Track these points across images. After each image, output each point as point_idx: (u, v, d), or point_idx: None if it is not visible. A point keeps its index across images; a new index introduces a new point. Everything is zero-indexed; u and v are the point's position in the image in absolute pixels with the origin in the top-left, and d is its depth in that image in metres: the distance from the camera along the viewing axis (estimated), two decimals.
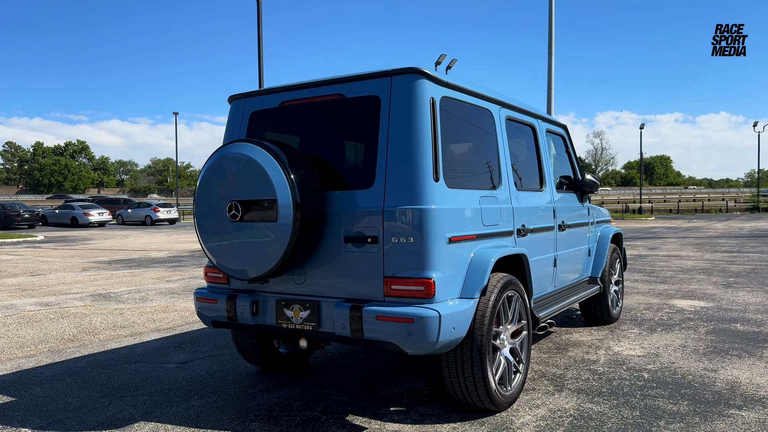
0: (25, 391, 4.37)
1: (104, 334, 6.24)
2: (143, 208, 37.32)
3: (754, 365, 4.67)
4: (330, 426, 3.55)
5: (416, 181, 3.29)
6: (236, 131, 4.09)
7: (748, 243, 17.81)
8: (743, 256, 13.90)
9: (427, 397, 4.03)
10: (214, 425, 3.59)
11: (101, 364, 5.06)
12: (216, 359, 5.14)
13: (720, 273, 10.63)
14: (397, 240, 3.30)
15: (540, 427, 3.47)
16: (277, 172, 3.33)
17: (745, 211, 48.26)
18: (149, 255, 15.96)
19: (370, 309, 3.29)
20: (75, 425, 3.64)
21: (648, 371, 4.54)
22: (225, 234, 3.54)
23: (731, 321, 6.36)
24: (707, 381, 4.28)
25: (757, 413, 3.64)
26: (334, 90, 3.69)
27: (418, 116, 3.36)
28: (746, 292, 8.39)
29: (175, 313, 7.43)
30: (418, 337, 3.17)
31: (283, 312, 3.70)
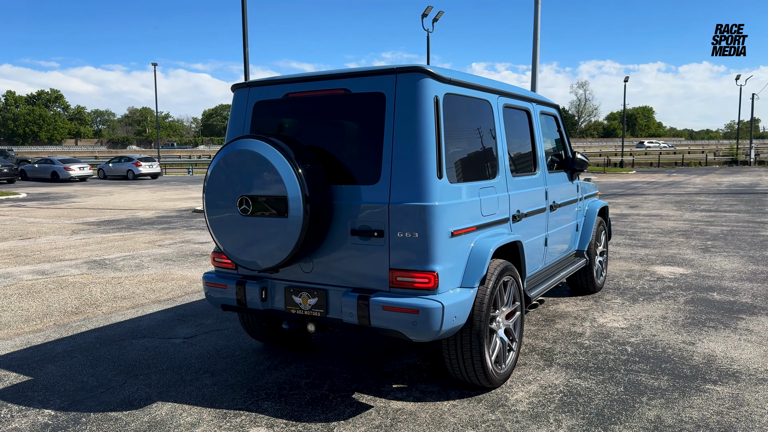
0: (39, 369, 4.55)
1: (106, 306, 6.40)
2: (125, 163, 36.93)
3: (728, 337, 5.00)
4: (338, 404, 3.80)
5: (421, 178, 3.44)
6: (241, 121, 4.17)
7: (725, 201, 18.29)
8: (721, 215, 14.33)
9: (426, 374, 4.29)
10: (228, 405, 3.82)
11: (109, 339, 5.24)
12: (221, 333, 5.35)
13: (699, 235, 11.01)
14: (402, 234, 3.48)
15: (533, 403, 3.76)
16: (287, 169, 3.45)
17: (723, 164, 49.05)
18: (137, 215, 15.98)
19: (377, 299, 3.49)
20: (95, 406, 3.85)
21: (631, 345, 4.84)
22: (236, 227, 3.68)
23: (708, 290, 6.70)
24: (686, 355, 4.59)
25: (730, 388, 3.96)
26: (339, 84, 3.78)
27: (422, 115, 3.47)
28: (723, 257, 8.76)
29: (172, 282, 7.59)
30: (423, 326, 3.39)
31: (292, 298, 3.89)
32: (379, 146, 3.58)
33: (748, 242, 10.10)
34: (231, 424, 3.54)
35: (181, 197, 22.26)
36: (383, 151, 3.55)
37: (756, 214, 14.47)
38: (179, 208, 17.99)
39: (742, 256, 8.82)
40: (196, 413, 3.71)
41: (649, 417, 3.55)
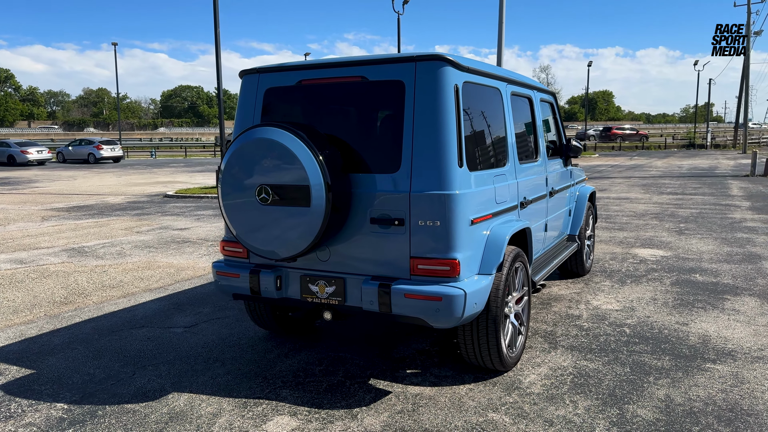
0: (40, 361, 4.45)
1: (96, 296, 6.26)
2: (85, 146, 35.86)
3: (718, 318, 5.21)
4: (356, 391, 3.83)
5: (443, 167, 3.47)
6: (250, 108, 4.11)
7: (689, 184, 18.87)
8: (688, 198, 14.79)
9: (437, 359, 4.36)
10: (246, 394, 3.81)
11: (107, 330, 5.15)
12: (221, 322, 5.31)
13: (670, 218, 11.36)
14: (423, 223, 3.50)
15: (546, 385, 3.86)
16: (308, 158, 3.43)
17: (681, 147, 50.46)
18: (106, 200, 15.59)
19: (398, 287, 3.52)
20: (108, 398, 3.79)
21: (628, 326, 5.01)
22: (254, 216, 3.65)
23: (690, 271, 6.95)
24: (681, 335, 4.77)
25: (729, 366, 4.14)
26: (355, 72, 3.75)
27: (444, 104, 3.49)
28: (698, 239, 9.07)
29: (159, 270, 7.47)
30: (446, 313, 3.43)
31: (308, 287, 3.88)
32: (399, 135, 3.58)
33: (718, 225, 10.47)
34: (253, 413, 3.54)
35: (148, 182, 21.78)
36: (403, 139, 3.56)
37: (720, 197, 14.98)
38: (149, 193, 17.62)
39: (715, 238, 9.16)
40: (215, 403, 3.69)
41: (659, 396, 3.69)
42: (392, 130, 3.64)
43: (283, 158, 3.48)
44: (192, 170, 28.57)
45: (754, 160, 22.40)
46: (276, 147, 3.50)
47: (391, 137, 3.66)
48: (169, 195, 16.45)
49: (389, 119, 3.68)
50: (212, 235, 9.96)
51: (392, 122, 3.65)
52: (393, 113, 3.64)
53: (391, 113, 3.66)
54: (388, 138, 3.67)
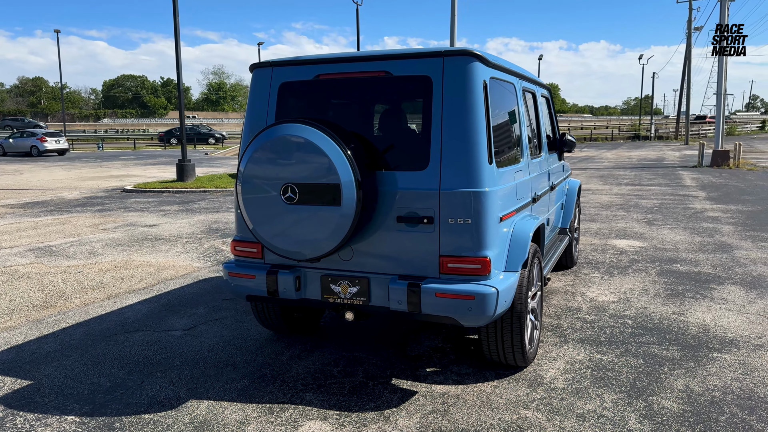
0: (36, 371, 4.19)
1: (78, 299, 5.96)
2: (28, 138, 34.17)
3: (710, 307, 5.39)
4: (381, 392, 3.77)
5: (474, 164, 3.43)
6: (263, 104, 3.96)
7: (644, 175, 19.52)
8: (646, 189, 15.29)
9: (453, 356, 4.34)
10: (270, 399, 3.69)
11: (99, 335, 4.90)
12: (220, 323, 5.14)
13: (636, 209, 11.70)
14: (453, 221, 3.46)
15: (568, 380, 3.90)
16: (339, 156, 3.33)
17: (627, 139, 52.17)
18: (61, 196, 14.90)
19: (429, 286, 3.47)
20: (122, 409, 3.60)
21: (629, 318, 5.12)
22: (278, 216, 3.53)
23: (671, 261, 7.17)
24: (682, 325, 4.91)
25: (734, 355, 4.29)
26: (379, 66, 3.66)
27: (473, 100, 3.45)
28: (668, 229, 9.38)
29: (138, 269, 7.18)
30: (478, 312, 3.41)
31: (330, 287, 3.79)
32: (427, 132, 3.52)
33: (683, 215, 10.86)
34: (281, 420, 3.44)
35: (101, 175, 20.94)
36: (431, 136, 3.50)
37: (676, 188, 15.55)
38: (105, 187, 16.94)
39: (684, 228, 9.49)
40: (238, 410, 3.56)
41: (679, 387, 3.78)
42: (420, 126, 3.58)
43: (311, 156, 3.37)
44: (145, 163, 27.66)
45: (702, 152, 23.36)
46: (303, 144, 3.38)
47: (418, 134, 3.59)
48: (127, 190, 15.86)
49: (416, 115, 3.61)
50: (184, 232, 9.66)
51: (419, 118, 3.58)
52: (420, 109, 3.58)
53: (417, 110, 3.59)
54: (414, 135, 3.61)
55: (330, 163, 3.33)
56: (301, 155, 3.40)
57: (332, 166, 3.33)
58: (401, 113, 3.76)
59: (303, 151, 3.39)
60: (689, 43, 44.11)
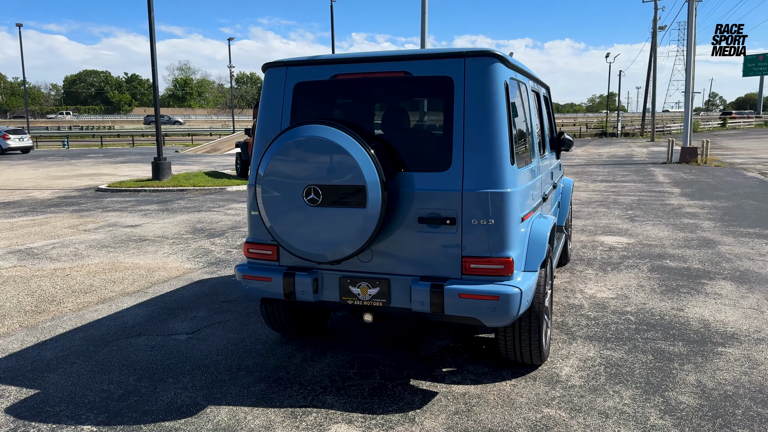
0: (41, 379, 4.07)
1: (70, 303, 5.80)
2: None
3: (706, 302, 5.53)
4: (402, 393, 3.77)
5: (497, 165, 3.44)
6: (277, 104, 3.90)
7: (616, 171, 19.91)
8: (621, 185, 15.60)
9: (467, 355, 4.36)
10: (290, 402, 3.65)
11: (100, 341, 4.78)
12: (224, 326, 5.06)
13: (615, 205, 11.93)
14: (477, 222, 3.47)
15: (584, 377, 3.96)
16: (364, 157, 3.30)
17: (595, 136, 53.13)
18: (33, 195, 14.48)
19: (452, 287, 3.47)
20: (140, 417, 3.52)
21: (631, 314, 5.21)
22: (300, 219, 3.48)
23: (660, 257, 7.33)
24: (683, 321, 5.02)
25: (738, 349, 4.41)
26: (398, 67, 3.64)
27: (496, 101, 3.46)
28: (651, 226, 9.58)
29: (127, 271, 7.02)
30: (502, 312, 3.43)
31: (349, 289, 3.76)
32: (449, 132, 3.52)
33: (662, 211, 11.11)
34: (306, 424, 3.40)
35: (71, 174, 20.40)
36: (453, 137, 3.50)
37: (651, 184, 15.90)
38: (77, 186, 16.51)
39: (666, 224, 9.71)
40: (260, 415, 3.51)
41: (691, 381, 3.87)
42: (441, 127, 3.57)
43: (335, 157, 3.33)
44: (114, 161, 27.06)
45: (671, 148, 23.93)
46: (328, 145, 3.34)
47: (439, 135, 3.59)
48: (101, 189, 15.49)
49: (436, 117, 3.61)
50: (169, 233, 9.48)
51: (440, 120, 3.57)
52: (440, 110, 3.57)
53: (438, 110, 3.59)
54: (435, 135, 3.60)
55: (355, 165, 3.30)
56: (325, 156, 3.36)
57: (357, 168, 3.30)
58: (422, 114, 3.75)
59: (327, 152, 3.35)
60: (654, 42, 45.12)
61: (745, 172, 18.58)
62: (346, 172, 3.33)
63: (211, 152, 34.40)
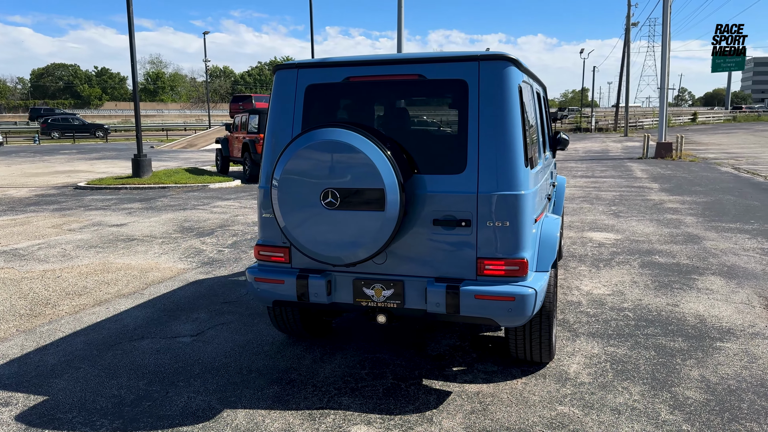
0: (47, 385, 4.01)
1: (65, 306, 5.71)
2: None
3: (699, 298, 5.68)
4: (416, 393, 3.81)
5: (512, 167, 3.49)
6: (288, 106, 3.89)
7: (594, 167, 20.22)
8: (601, 181, 15.86)
9: (475, 354, 4.41)
10: (307, 405, 3.66)
11: (103, 344, 4.72)
12: (228, 328, 5.04)
13: (598, 201, 12.13)
14: (492, 223, 3.52)
15: (592, 374, 4.04)
16: (382, 160, 3.32)
17: (569, 131, 53.76)
18: (8, 194, 14.14)
19: (468, 288, 3.51)
20: (156, 422, 3.50)
21: (628, 310, 5.33)
22: (317, 221, 3.49)
23: (649, 253, 7.50)
24: (679, 317, 5.16)
25: (735, 344, 4.54)
26: (412, 70, 3.66)
27: (511, 104, 3.51)
28: (636, 221, 9.77)
29: (120, 272, 6.93)
30: (517, 312, 3.48)
31: (363, 291, 3.78)
32: (463, 135, 3.55)
33: (645, 207, 11.33)
34: (326, 426, 3.42)
35: (46, 171, 19.96)
36: (468, 140, 3.54)
37: (629, 180, 16.19)
38: (55, 184, 16.17)
39: (650, 220, 9.91)
40: (278, 417, 3.52)
41: (695, 377, 3.98)
42: (455, 130, 3.61)
43: (354, 160, 3.35)
44: (89, 158, 26.53)
45: (646, 144, 24.37)
46: (345, 149, 3.35)
47: (454, 137, 3.62)
48: (81, 187, 15.20)
49: (451, 119, 3.64)
50: (157, 232, 9.36)
51: (454, 122, 3.61)
52: (455, 113, 3.61)
53: (452, 113, 3.62)
54: (449, 138, 3.63)
55: (374, 168, 3.31)
56: (344, 160, 3.37)
57: (376, 171, 3.32)
58: (436, 117, 3.77)
59: (345, 155, 3.36)
60: (627, 38, 45.83)
61: (719, 167, 19.03)
62: (364, 175, 3.34)
63: (188, 148, 33.98)
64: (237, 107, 38.44)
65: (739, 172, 17.38)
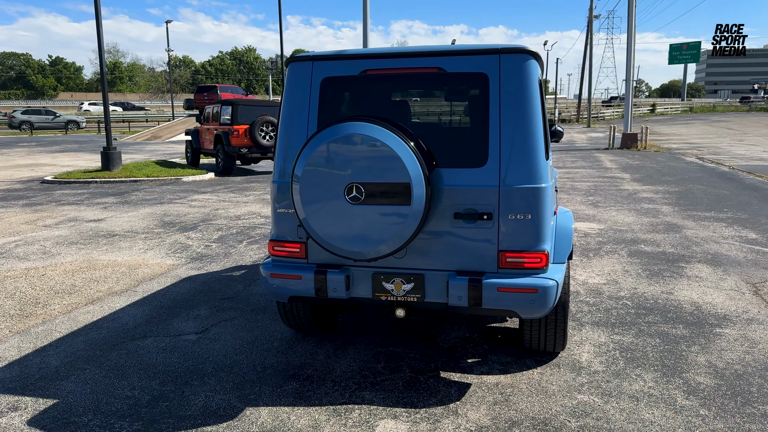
0: (55, 388, 3.88)
1: (56, 305, 5.53)
2: None
3: (690, 285, 5.85)
4: (437, 385, 3.82)
5: (534, 160, 3.53)
6: (303, 99, 3.83)
7: (564, 158, 20.59)
8: (574, 171, 16.15)
9: (487, 345, 4.46)
10: (329, 400, 3.64)
11: (105, 344, 4.60)
12: (232, 324, 4.96)
13: (575, 192, 12.35)
14: (513, 216, 3.54)
15: (604, 362, 4.13)
16: (408, 154, 3.31)
17: None
18: None
19: (491, 281, 3.54)
20: (177, 423, 3.43)
21: (626, 299, 5.46)
22: (341, 216, 3.46)
23: (635, 242, 7.68)
24: (675, 304, 5.30)
25: (733, 329, 4.70)
26: (431, 63, 3.65)
27: (532, 97, 3.53)
28: (615, 211, 10.00)
29: (107, 270, 6.74)
30: (540, 304, 3.53)
31: (382, 285, 3.77)
32: (485, 129, 3.56)
33: (621, 197, 11.59)
34: (353, 421, 3.41)
35: (7, 165, 19.23)
36: (490, 133, 3.55)
37: (600, 170, 16.54)
38: (18, 178, 15.61)
39: (628, 209, 10.15)
40: (304, 414, 3.49)
41: (702, 362, 4.11)
42: (476, 123, 3.62)
43: (379, 154, 3.32)
44: (50, 150, 25.66)
45: (612, 135, 24.90)
46: (371, 143, 3.33)
47: (475, 131, 3.63)
48: (48, 181, 14.70)
49: (472, 113, 3.64)
50: (138, 227, 9.14)
51: (475, 116, 3.62)
52: (475, 106, 3.61)
53: (473, 107, 3.63)
54: (470, 131, 3.64)
55: (401, 162, 3.30)
56: (369, 154, 3.34)
57: (403, 165, 3.30)
58: (455, 110, 3.77)
59: (371, 149, 3.33)
60: (590, 30, 46.61)
61: (684, 157, 19.60)
62: (390, 170, 3.32)
63: (152, 140, 33.20)
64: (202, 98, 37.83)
65: (703, 162, 17.93)
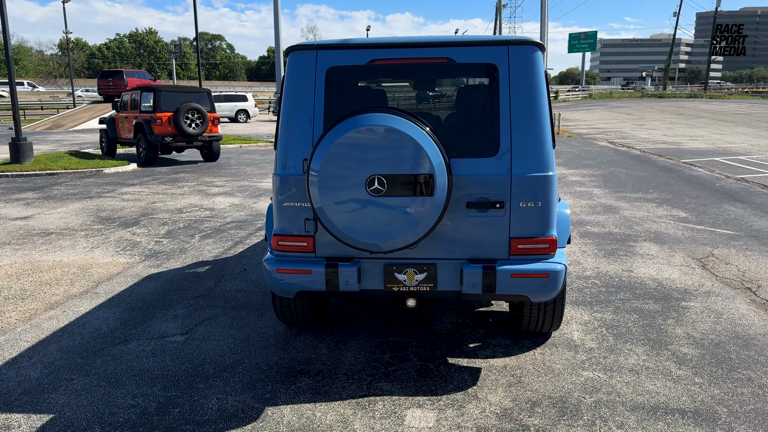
0: (44, 403, 3.60)
1: (12, 313, 5.10)
2: None
3: (645, 263, 6.27)
4: (448, 372, 3.90)
5: (543, 149, 3.64)
6: (308, 90, 3.73)
7: None
8: None
9: (482, 329, 4.58)
10: (349, 394, 3.62)
11: (84, 351, 4.30)
12: (217, 323, 4.79)
13: None
14: (524, 204, 3.65)
15: (595, 339, 4.36)
16: (431, 145, 3.33)
17: None
18: None
19: (505, 268, 3.64)
20: (198, 429, 3.29)
21: (594, 278, 5.77)
22: (362, 209, 3.42)
23: (581, 224, 8.10)
24: (639, 281, 5.67)
25: (697, 302, 5.10)
26: (441, 53, 3.67)
27: (540, 87, 3.64)
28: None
29: (55, 271, 6.28)
30: (550, 288, 3.67)
31: (394, 276, 3.77)
32: (495, 119, 3.64)
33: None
34: (380, 413, 3.41)
35: None
36: (500, 123, 3.63)
37: None
38: None
39: (563, 192, 10.66)
40: (329, 410, 3.45)
41: (680, 334, 4.44)
42: (486, 114, 3.68)
43: (402, 146, 3.31)
44: None
45: None
46: (393, 134, 3.31)
47: (484, 121, 3.69)
48: None
49: (481, 103, 3.70)
50: (73, 224, 8.54)
51: (485, 106, 3.67)
52: (485, 97, 3.67)
53: (482, 97, 3.68)
54: (480, 122, 3.69)
55: (424, 152, 3.31)
56: (391, 145, 3.32)
57: (426, 155, 3.31)
58: (465, 100, 3.81)
59: (393, 141, 3.31)
60: (499, 17, 48.12)
61: (596, 142, 20.76)
62: (413, 161, 3.32)
63: (54, 129, 30.91)
64: (106, 83, 35.68)
65: (615, 146, 19.09)
